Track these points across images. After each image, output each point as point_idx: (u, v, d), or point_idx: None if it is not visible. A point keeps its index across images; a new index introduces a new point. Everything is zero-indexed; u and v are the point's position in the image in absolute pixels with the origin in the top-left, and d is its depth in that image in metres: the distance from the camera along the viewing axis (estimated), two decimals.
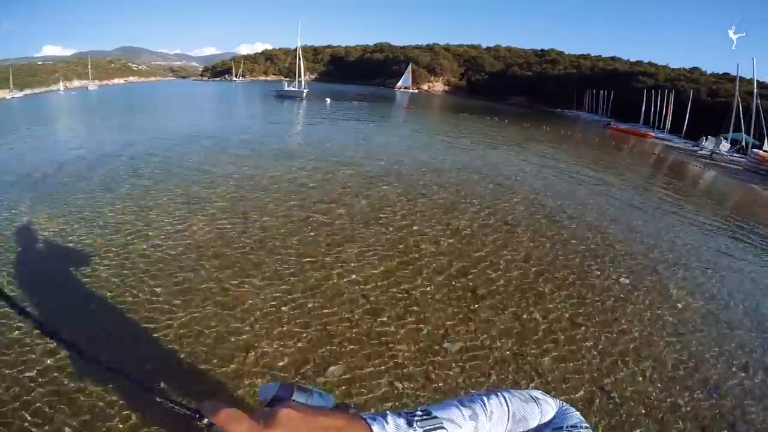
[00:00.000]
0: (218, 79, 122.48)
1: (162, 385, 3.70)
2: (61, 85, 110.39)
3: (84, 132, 24.38)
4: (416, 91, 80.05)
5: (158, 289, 5.19)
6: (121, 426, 3.23)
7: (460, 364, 4.06)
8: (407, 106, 40.88)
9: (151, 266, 5.75)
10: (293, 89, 45.87)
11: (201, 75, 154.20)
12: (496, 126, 28.07)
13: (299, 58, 49.33)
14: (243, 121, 26.71)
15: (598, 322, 4.85)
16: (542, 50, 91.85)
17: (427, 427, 0.63)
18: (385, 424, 0.61)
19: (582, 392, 3.78)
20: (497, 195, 9.64)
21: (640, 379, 4.04)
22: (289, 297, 5.07)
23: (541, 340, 4.45)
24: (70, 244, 6.80)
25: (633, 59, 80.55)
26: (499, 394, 0.75)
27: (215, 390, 3.70)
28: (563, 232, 7.54)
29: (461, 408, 0.71)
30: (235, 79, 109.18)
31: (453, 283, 5.47)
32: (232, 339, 4.35)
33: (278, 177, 10.31)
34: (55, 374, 3.65)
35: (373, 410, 2.94)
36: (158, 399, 0.70)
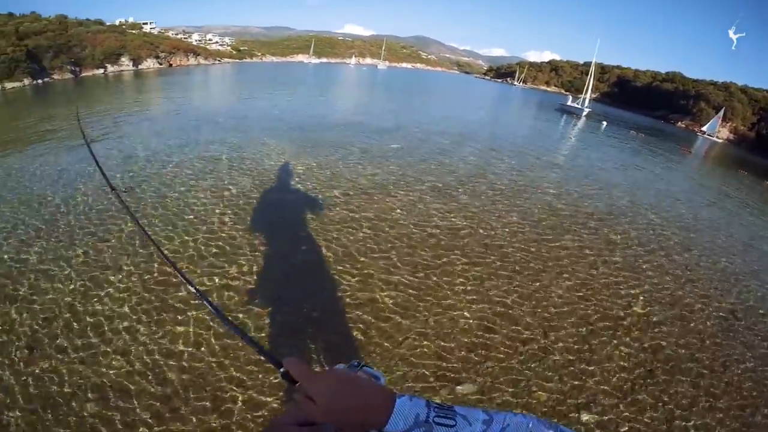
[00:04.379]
0: (500, 80, 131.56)
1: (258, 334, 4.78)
2: (353, 60, 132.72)
3: (367, 102, 31.93)
4: (719, 140, 64.97)
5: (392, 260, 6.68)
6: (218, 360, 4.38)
7: None
8: (684, 147, 36.77)
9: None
10: (575, 105, 47.48)
11: (484, 74, 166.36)
12: None
13: (591, 76, 51.30)
14: (520, 123, 30.68)
15: None
16: None
17: (441, 414, 0.73)
18: (408, 400, 0.74)
19: None
20: (732, 277, 8.44)
21: None
22: (475, 308, 5.70)
23: None
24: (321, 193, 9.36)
25: None
26: (528, 417, 0.78)
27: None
28: None
29: (482, 413, 0.77)
30: (515, 83, 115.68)
31: (639, 354, 5.33)
32: (396, 318, 5.24)
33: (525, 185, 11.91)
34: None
35: None
36: (251, 345, 1.02)
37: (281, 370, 0.82)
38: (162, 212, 7.91)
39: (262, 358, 0.92)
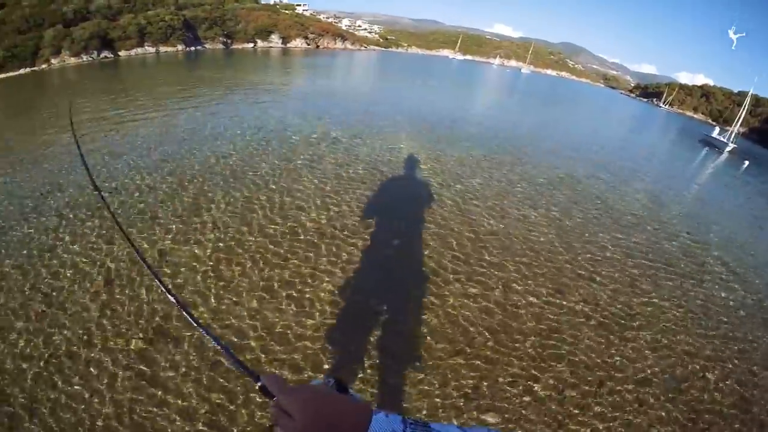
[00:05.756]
0: (645, 99, 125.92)
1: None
2: (497, 60, 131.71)
3: (507, 106, 33.15)
4: None
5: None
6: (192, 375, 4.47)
7: None
8: None
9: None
10: (720, 139, 42.87)
11: (630, 90, 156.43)
12: None
13: (744, 109, 47.86)
14: (657, 150, 29.25)
15: None
16: None
17: (416, 430, 0.74)
18: (384, 417, 0.74)
19: None
20: None
21: None
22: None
23: None
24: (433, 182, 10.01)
25: None
26: None
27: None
28: None
29: (457, 429, 0.78)
30: (661, 105, 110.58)
31: (689, 423, 4.95)
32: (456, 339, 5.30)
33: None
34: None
35: None
36: (229, 357, 0.93)
37: (258, 384, 0.82)
38: (272, 185, 9.09)
39: (240, 370, 0.88)
